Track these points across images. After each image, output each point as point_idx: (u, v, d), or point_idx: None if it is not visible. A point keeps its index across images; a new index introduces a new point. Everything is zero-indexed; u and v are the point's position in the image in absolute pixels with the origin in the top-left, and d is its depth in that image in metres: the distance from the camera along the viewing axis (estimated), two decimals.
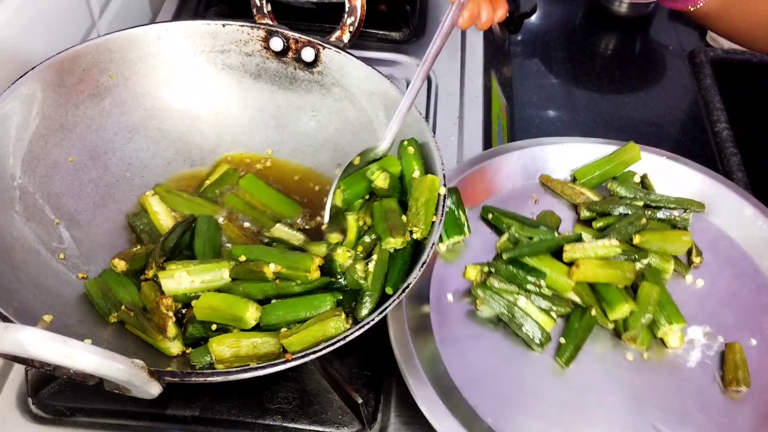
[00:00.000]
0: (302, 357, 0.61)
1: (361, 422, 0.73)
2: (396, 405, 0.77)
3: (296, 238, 0.79)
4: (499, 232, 0.87)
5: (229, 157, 0.91)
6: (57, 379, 0.73)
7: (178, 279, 0.73)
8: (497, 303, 0.78)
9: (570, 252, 0.79)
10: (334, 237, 0.75)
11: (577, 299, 0.80)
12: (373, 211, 0.76)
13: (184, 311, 0.74)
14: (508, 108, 1.20)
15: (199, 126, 0.91)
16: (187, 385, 0.74)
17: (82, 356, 0.50)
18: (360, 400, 0.71)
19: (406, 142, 0.79)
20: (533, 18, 1.42)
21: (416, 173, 0.77)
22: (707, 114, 1.28)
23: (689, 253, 0.85)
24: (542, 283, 0.78)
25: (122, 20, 1.14)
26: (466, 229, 0.85)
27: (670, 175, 0.90)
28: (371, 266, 0.71)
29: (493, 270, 0.81)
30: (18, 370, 0.77)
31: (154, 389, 0.56)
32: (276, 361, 0.61)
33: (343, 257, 0.72)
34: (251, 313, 0.70)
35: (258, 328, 0.71)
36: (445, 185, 0.74)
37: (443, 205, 0.72)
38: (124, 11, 1.15)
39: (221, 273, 0.74)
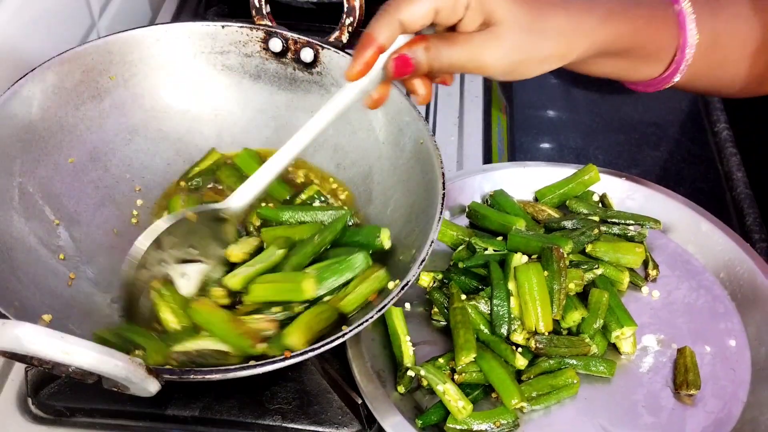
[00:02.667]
0: (302, 354, 0.61)
1: (360, 422, 0.73)
2: None
3: None
4: (456, 246, 0.86)
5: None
6: (57, 379, 0.73)
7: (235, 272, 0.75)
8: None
9: (517, 261, 0.79)
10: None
11: None
12: None
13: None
14: (508, 108, 1.20)
15: (199, 127, 0.91)
16: (186, 385, 0.74)
17: (80, 352, 0.50)
18: (360, 401, 0.71)
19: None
20: None
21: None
22: (707, 114, 1.28)
23: (646, 266, 0.86)
24: None
25: (122, 20, 1.14)
26: None
27: (629, 196, 0.92)
28: None
29: (446, 280, 0.81)
30: (18, 370, 0.77)
31: (153, 386, 0.55)
32: (275, 358, 0.61)
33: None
34: (310, 284, 0.70)
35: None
36: (444, 185, 0.74)
37: (442, 205, 0.72)
38: (124, 11, 1.15)
39: (273, 251, 0.76)
